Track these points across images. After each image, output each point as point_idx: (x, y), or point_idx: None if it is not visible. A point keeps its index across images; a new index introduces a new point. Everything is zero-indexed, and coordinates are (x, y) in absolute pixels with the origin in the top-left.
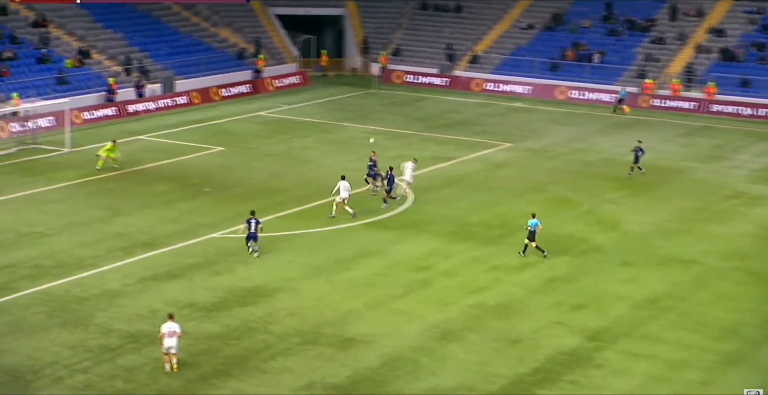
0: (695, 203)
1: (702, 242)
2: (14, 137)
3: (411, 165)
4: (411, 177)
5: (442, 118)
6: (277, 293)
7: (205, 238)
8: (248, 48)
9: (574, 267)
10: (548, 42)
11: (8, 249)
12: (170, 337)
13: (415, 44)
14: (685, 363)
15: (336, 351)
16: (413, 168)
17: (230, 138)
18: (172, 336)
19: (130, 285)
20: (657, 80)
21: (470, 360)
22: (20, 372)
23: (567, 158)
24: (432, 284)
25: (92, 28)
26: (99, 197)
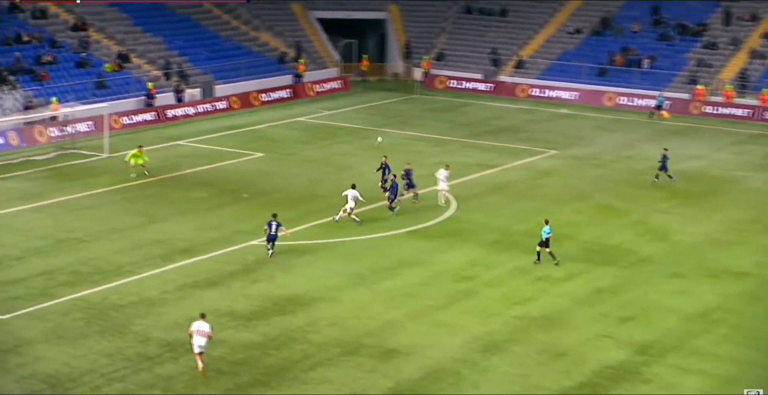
0: (748, 214)
1: (755, 254)
2: (53, 141)
3: (444, 173)
4: (446, 185)
5: (486, 124)
6: (317, 302)
7: (244, 245)
8: (289, 52)
9: (621, 278)
10: (596, 47)
11: (46, 255)
12: (199, 336)
13: (459, 49)
14: (736, 379)
15: (377, 362)
16: (447, 176)
17: (270, 144)
18: (201, 335)
19: (169, 293)
20: (709, 87)
21: (514, 372)
22: (58, 380)
23: (614, 166)
24: (475, 295)
25: (132, 32)
26: (136, 203)
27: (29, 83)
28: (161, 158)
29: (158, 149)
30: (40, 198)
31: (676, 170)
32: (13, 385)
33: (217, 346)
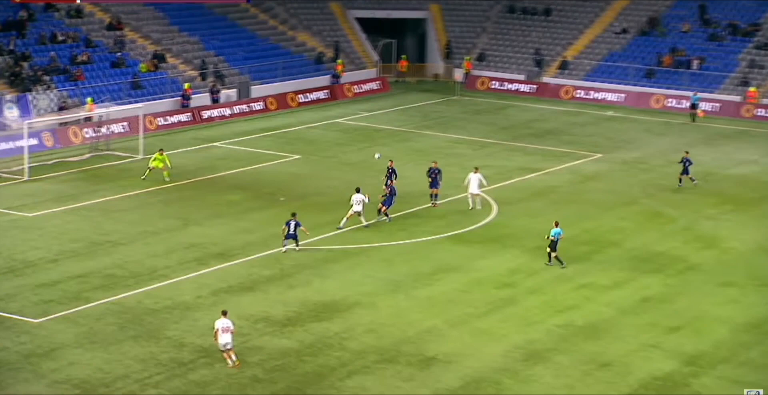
0: None
1: None
2: (87, 142)
3: (475, 176)
4: (477, 188)
5: (529, 127)
6: (354, 309)
7: (280, 249)
8: (327, 52)
9: (669, 287)
10: (644, 47)
11: (81, 258)
12: (225, 333)
13: (501, 49)
14: None
15: (415, 370)
16: (479, 179)
17: (307, 146)
18: (226, 331)
19: (203, 298)
20: (761, 89)
21: (557, 383)
22: (91, 385)
23: (662, 171)
24: (516, 303)
25: (168, 31)
26: (171, 205)
27: (64, 83)
28: (197, 159)
29: (194, 151)
30: (74, 200)
31: (727, 175)
32: (47, 390)
33: (252, 353)
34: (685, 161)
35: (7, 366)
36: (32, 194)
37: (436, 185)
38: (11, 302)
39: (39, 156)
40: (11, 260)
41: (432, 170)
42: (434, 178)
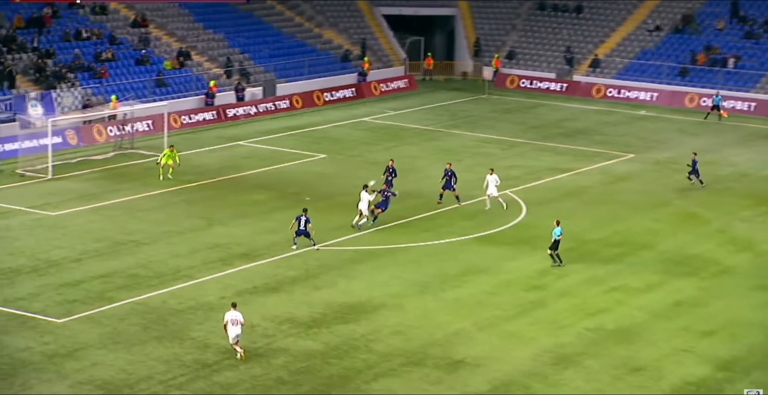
0: None
1: None
2: (112, 141)
3: (492, 178)
4: (495, 190)
5: (559, 126)
6: (380, 310)
7: (306, 250)
8: (353, 50)
9: (703, 290)
10: (677, 45)
11: (105, 258)
12: (234, 326)
13: (531, 47)
14: None
15: (443, 373)
16: (496, 180)
17: (333, 145)
18: (235, 324)
19: (228, 298)
20: None
21: (587, 388)
22: (114, 386)
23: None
24: (546, 305)
25: (193, 29)
26: (196, 205)
27: (88, 81)
28: (221, 158)
29: (218, 150)
30: (98, 199)
31: (762, 177)
32: (70, 391)
33: (277, 354)
34: (694, 162)
35: (30, 366)
36: (56, 192)
37: (450, 187)
38: (35, 301)
39: (63, 154)
40: (35, 259)
41: (447, 172)
42: (448, 179)
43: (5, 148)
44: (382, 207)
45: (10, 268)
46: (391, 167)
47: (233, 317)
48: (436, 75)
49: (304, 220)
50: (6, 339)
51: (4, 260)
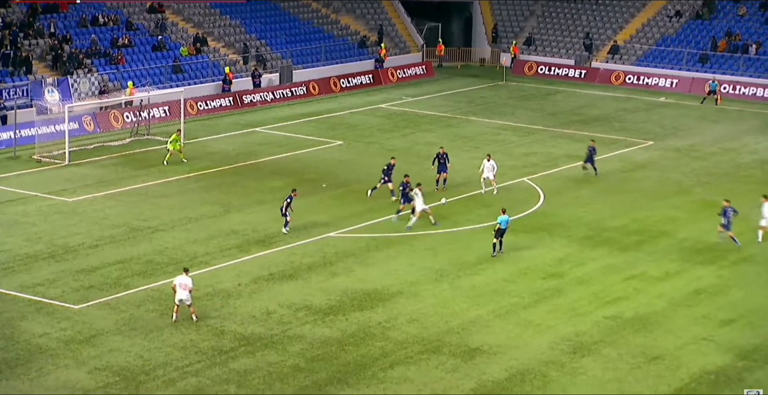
0: None
1: None
2: (128, 127)
3: (489, 164)
4: (491, 174)
5: (578, 113)
6: (397, 298)
7: (322, 237)
8: (370, 36)
9: (723, 279)
10: (698, 31)
11: (121, 244)
12: (182, 290)
13: (550, 33)
14: None
15: (459, 361)
16: (493, 166)
17: (350, 131)
18: (184, 288)
19: (244, 285)
20: None
21: (605, 377)
22: (131, 373)
23: (716, 159)
24: (564, 293)
25: (209, 15)
26: (212, 191)
27: (105, 67)
28: (238, 145)
29: (235, 136)
30: (114, 185)
31: None
32: (87, 377)
33: (293, 342)
34: (590, 150)
35: (48, 352)
36: (72, 178)
37: (444, 170)
38: (51, 287)
39: (79, 140)
40: (52, 245)
41: (440, 156)
42: (442, 163)
43: (22, 134)
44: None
45: (27, 254)
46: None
47: (182, 281)
48: (450, 61)
49: (286, 203)
50: (23, 325)
51: (21, 245)
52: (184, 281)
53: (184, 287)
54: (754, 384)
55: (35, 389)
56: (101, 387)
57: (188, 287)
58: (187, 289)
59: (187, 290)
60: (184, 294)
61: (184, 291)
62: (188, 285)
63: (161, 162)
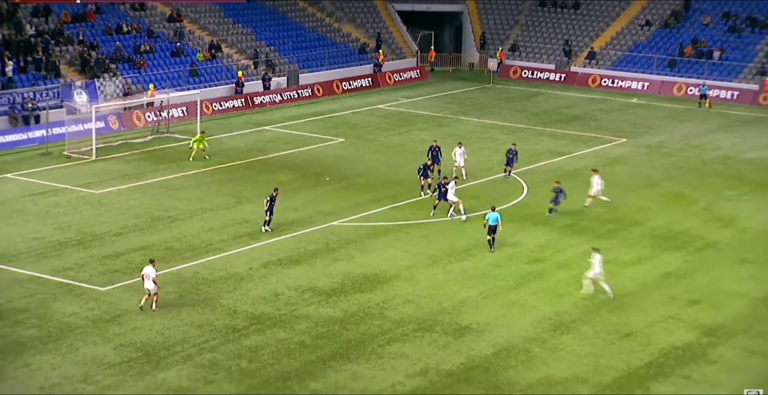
0: None
1: None
2: (149, 126)
3: (459, 151)
4: (462, 160)
5: (558, 113)
6: (393, 281)
7: (326, 226)
8: (369, 43)
9: (689, 263)
10: (667, 39)
11: (143, 232)
12: (147, 280)
13: (533, 40)
14: None
15: (450, 338)
16: (463, 153)
17: (351, 130)
18: (147, 278)
19: (255, 269)
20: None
21: (583, 352)
22: (153, 349)
23: (684, 155)
24: (545, 277)
25: (223, 24)
26: (226, 184)
27: (128, 71)
28: (249, 142)
29: (246, 134)
30: (137, 179)
31: (745, 159)
32: (112, 352)
33: (300, 321)
34: (511, 153)
35: (77, 330)
36: (99, 172)
37: (437, 161)
38: (80, 271)
39: (105, 138)
40: (81, 233)
41: (433, 148)
42: (435, 155)
43: (53, 132)
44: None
45: (59, 241)
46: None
47: (147, 272)
48: (442, 66)
49: (269, 200)
50: (55, 305)
51: (53, 233)
52: (147, 272)
53: (147, 277)
54: (717, 359)
55: (66, 363)
56: (125, 361)
57: (150, 277)
58: (149, 279)
59: (150, 279)
60: (150, 285)
61: (148, 281)
62: (150, 275)
63: (182, 158)
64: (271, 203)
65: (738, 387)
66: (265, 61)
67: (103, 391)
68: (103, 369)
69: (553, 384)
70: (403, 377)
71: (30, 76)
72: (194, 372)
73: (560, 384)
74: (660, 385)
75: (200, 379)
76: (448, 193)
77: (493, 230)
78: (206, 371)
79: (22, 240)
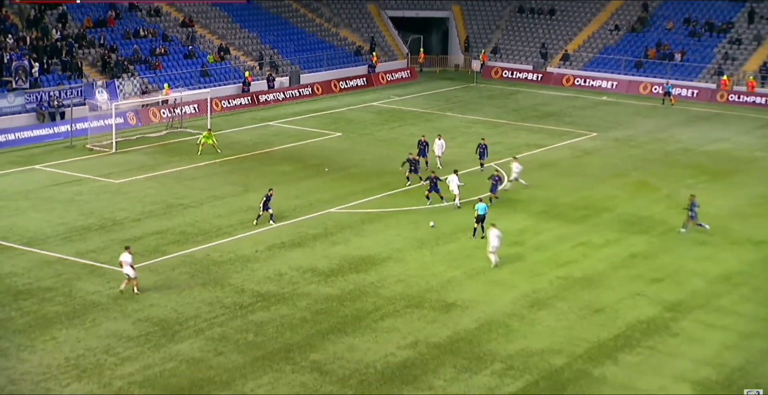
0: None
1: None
2: (164, 121)
3: (438, 142)
4: (440, 151)
5: (535, 110)
6: (386, 262)
7: (324, 212)
8: (364, 46)
9: (654, 245)
10: (633, 42)
11: (159, 218)
12: (125, 265)
13: (512, 43)
14: (755, 334)
15: (438, 314)
16: (442, 144)
17: (347, 125)
18: (125, 264)
19: (260, 252)
20: (733, 77)
21: (557, 325)
22: (167, 323)
23: (649, 148)
24: (524, 258)
25: (231, 28)
26: (234, 174)
27: (145, 72)
28: (255, 136)
29: (252, 129)
30: (153, 169)
31: (703, 151)
32: (131, 327)
33: (301, 298)
34: (480, 147)
35: (99, 307)
36: (119, 164)
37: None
38: (102, 254)
39: (124, 132)
40: (102, 219)
41: (420, 143)
42: (422, 148)
43: (77, 127)
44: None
45: (82, 226)
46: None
47: (124, 258)
48: (430, 67)
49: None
50: (79, 284)
51: (77, 219)
52: (124, 258)
53: (124, 263)
54: (679, 332)
55: (90, 336)
56: (143, 335)
57: (126, 263)
58: (127, 265)
59: (127, 265)
60: (127, 269)
61: (126, 267)
62: (126, 262)
63: (194, 151)
64: (266, 202)
65: (697, 358)
66: (270, 63)
67: (123, 362)
68: (123, 341)
69: (530, 355)
70: (395, 348)
71: (55, 76)
72: (205, 345)
73: (537, 355)
74: (627, 355)
75: (211, 351)
76: (452, 184)
77: (482, 219)
78: (216, 343)
79: (49, 225)
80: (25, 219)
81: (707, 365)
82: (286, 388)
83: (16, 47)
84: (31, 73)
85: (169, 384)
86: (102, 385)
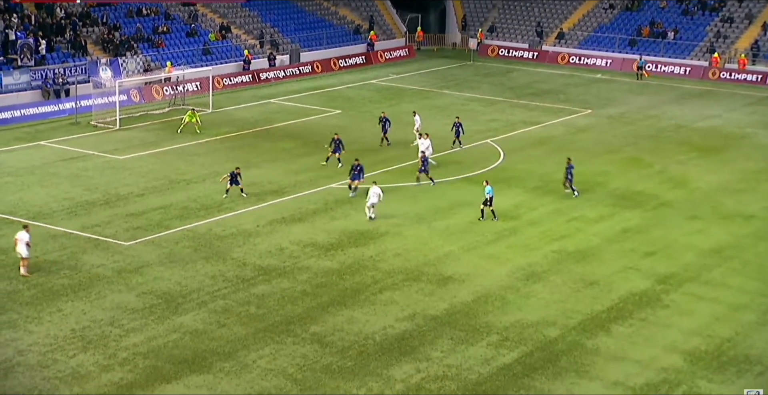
0: (758, 165)
1: (763, 200)
2: (167, 99)
3: (417, 118)
4: (419, 126)
5: (531, 87)
6: (385, 237)
7: (324, 188)
8: (363, 25)
9: (646, 220)
10: (627, 21)
11: (162, 193)
12: (20, 243)
13: (509, 22)
14: (744, 306)
15: (435, 287)
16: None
17: (346, 103)
18: (21, 242)
19: (261, 227)
20: (724, 55)
21: (552, 298)
22: (171, 296)
23: (642, 124)
24: (519, 232)
25: (233, 7)
26: (235, 151)
27: (148, 50)
28: (256, 113)
29: (253, 106)
30: (156, 146)
31: (695, 128)
32: (136, 299)
33: (302, 272)
34: (457, 126)
35: (104, 280)
36: (122, 140)
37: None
38: (107, 228)
39: (128, 110)
40: (106, 194)
41: (382, 119)
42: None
43: (82, 104)
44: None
45: (87, 201)
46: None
47: (20, 236)
48: (428, 45)
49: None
50: (84, 258)
51: (82, 194)
52: (19, 236)
53: (20, 241)
54: (670, 304)
55: (95, 308)
56: (147, 307)
57: (22, 241)
58: (23, 243)
59: (24, 244)
60: (22, 248)
61: (22, 245)
62: (23, 240)
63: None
64: (233, 179)
65: (688, 329)
66: (270, 41)
67: (127, 333)
68: (128, 313)
69: (525, 327)
70: (393, 321)
71: (60, 54)
72: (208, 317)
73: (532, 327)
74: (620, 327)
75: (213, 323)
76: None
77: (490, 202)
78: (219, 315)
79: (55, 200)
80: (31, 194)
81: (697, 336)
82: (287, 359)
83: (20, 26)
84: (37, 51)
85: (173, 355)
86: (107, 356)
